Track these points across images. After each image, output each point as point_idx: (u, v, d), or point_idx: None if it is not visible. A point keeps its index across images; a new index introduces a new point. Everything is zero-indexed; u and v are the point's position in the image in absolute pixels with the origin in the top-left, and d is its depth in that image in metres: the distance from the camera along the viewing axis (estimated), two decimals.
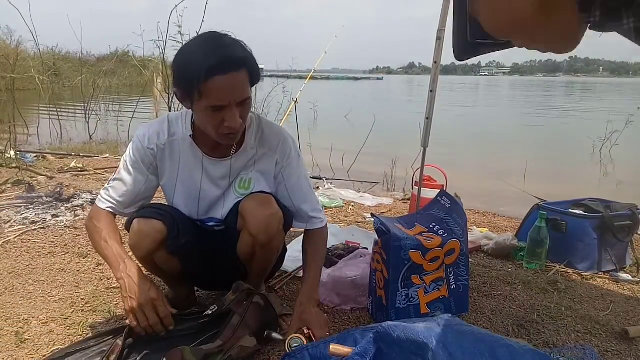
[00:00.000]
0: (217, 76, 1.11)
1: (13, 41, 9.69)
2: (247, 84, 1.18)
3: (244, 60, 1.15)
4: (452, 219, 1.51)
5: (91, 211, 1.36)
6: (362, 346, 0.93)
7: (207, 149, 1.36)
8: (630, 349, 1.45)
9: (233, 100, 1.15)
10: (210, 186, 1.39)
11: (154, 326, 1.22)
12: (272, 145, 1.41)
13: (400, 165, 4.38)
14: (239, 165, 1.39)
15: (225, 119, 1.17)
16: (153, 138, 1.34)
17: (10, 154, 3.78)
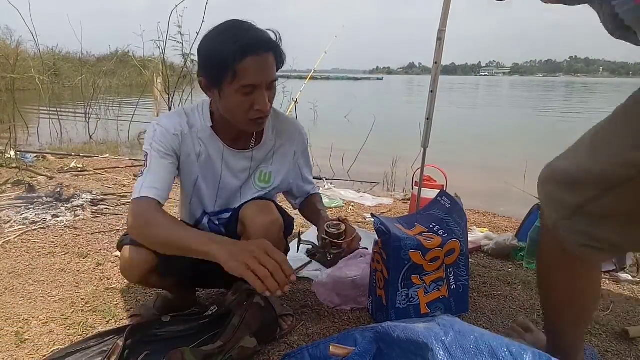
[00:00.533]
0: (251, 56, 1.13)
1: (13, 41, 9.71)
2: (274, 66, 1.20)
3: (273, 44, 1.19)
4: (452, 219, 1.51)
5: (134, 207, 1.19)
6: (362, 346, 0.93)
7: (227, 141, 1.35)
8: (630, 349, 1.45)
9: (264, 80, 1.17)
10: (231, 178, 1.38)
11: (275, 273, 1.00)
12: (290, 136, 1.43)
13: (400, 165, 4.38)
14: (260, 158, 1.40)
15: (255, 102, 1.18)
16: (177, 126, 1.30)
17: (10, 154, 3.78)
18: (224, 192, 1.40)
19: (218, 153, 1.35)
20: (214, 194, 1.40)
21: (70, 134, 6.29)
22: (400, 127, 7.99)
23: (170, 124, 1.30)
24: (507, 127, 10.06)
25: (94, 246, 2.14)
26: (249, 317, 1.28)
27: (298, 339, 1.42)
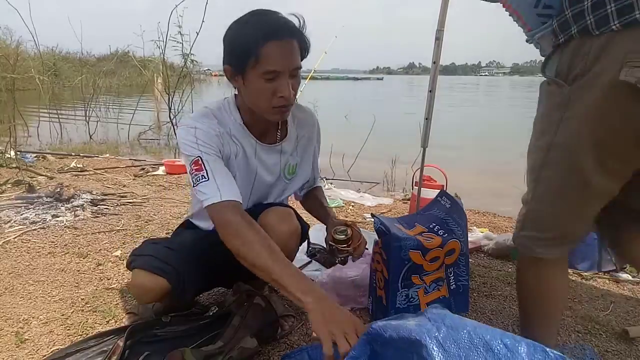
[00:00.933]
0: (274, 41, 1.12)
1: (13, 41, 9.70)
2: (297, 53, 1.18)
3: (297, 31, 1.17)
4: (452, 219, 1.51)
5: (221, 214, 1.14)
6: (356, 349, 0.92)
7: (257, 136, 1.33)
8: (630, 349, 1.45)
9: (287, 66, 1.15)
10: (265, 173, 1.38)
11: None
12: (309, 126, 1.45)
13: (400, 165, 4.38)
14: (287, 150, 1.41)
15: (278, 90, 1.16)
16: (213, 126, 1.25)
17: (10, 154, 3.77)
18: (258, 188, 1.39)
19: (252, 149, 1.33)
20: (248, 192, 1.37)
21: (70, 134, 6.29)
22: (400, 127, 7.99)
23: (208, 125, 1.24)
24: (507, 126, 10.06)
25: (94, 246, 2.14)
26: (250, 318, 1.28)
27: (298, 340, 1.42)
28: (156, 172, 3.76)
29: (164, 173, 3.76)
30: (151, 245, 1.31)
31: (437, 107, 2.31)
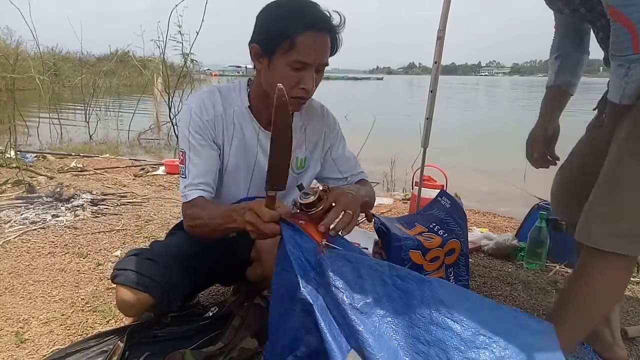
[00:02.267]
0: (313, 31, 1.12)
1: (13, 41, 9.70)
2: (329, 50, 1.18)
3: (333, 27, 1.17)
4: (452, 219, 1.51)
5: (185, 211, 1.24)
6: None
7: (263, 122, 1.32)
8: (631, 349, 1.45)
9: (317, 60, 1.15)
10: (264, 161, 1.33)
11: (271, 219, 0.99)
12: (316, 115, 1.41)
13: (400, 165, 4.37)
14: (293, 142, 1.37)
15: (302, 81, 1.15)
16: (209, 109, 1.26)
17: (10, 154, 3.77)
18: (258, 176, 1.36)
19: (253, 134, 1.32)
20: (247, 178, 1.36)
21: (70, 134, 6.29)
22: (400, 127, 7.99)
23: (202, 108, 1.26)
24: (507, 126, 10.06)
25: (94, 246, 2.14)
26: (250, 318, 1.28)
27: None
28: (156, 172, 3.76)
29: (164, 173, 3.76)
30: (133, 258, 1.26)
31: (437, 107, 2.31)
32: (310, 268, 0.93)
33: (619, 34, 1.03)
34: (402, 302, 0.89)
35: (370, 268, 0.93)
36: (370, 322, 0.87)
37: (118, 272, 1.22)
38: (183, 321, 1.34)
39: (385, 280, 0.92)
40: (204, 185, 1.23)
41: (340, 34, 1.20)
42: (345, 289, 0.90)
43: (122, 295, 1.20)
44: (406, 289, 0.90)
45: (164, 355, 1.15)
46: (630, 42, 1.00)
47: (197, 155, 1.25)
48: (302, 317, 0.92)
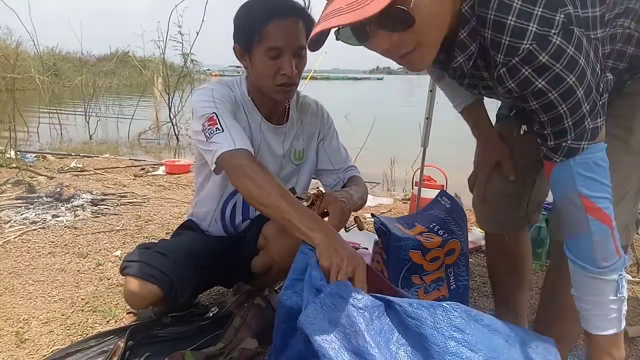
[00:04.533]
0: (277, 18, 1.16)
1: (13, 41, 9.70)
2: (302, 33, 1.20)
3: (302, 11, 1.21)
4: (452, 219, 1.51)
5: (231, 161, 1.15)
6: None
7: (265, 114, 1.36)
8: (631, 349, 1.45)
9: (289, 45, 1.18)
10: (267, 152, 1.39)
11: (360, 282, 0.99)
12: (311, 109, 1.45)
13: (400, 165, 4.37)
14: (291, 134, 1.42)
15: (281, 67, 1.19)
16: (226, 89, 1.31)
17: (10, 154, 3.77)
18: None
19: (256, 125, 1.36)
20: None
21: (70, 134, 6.29)
22: (400, 126, 7.99)
23: (221, 88, 1.30)
24: None
25: (94, 246, 2.14)
26: (250, 318, 1.28)
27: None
28: (156, 172, 3.76)
29: (164, 173, 3.76)
30: (143, 251, 1.29)
31: (437, 107, 2.31)
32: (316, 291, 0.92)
33: (600, 235, 0.85)
34: (416, 331, 0.85)
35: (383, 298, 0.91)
36: (387, 349, 0.84)
37: (127, 264, 1.24)
38: (183, 321, 1.33)
39: (397, 308, 0.89)
40: (249, 145, 1.19)
41: (311, 16, 1.23)
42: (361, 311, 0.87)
43: (130, 286, 1.21)
44: (418, 316, 0.86)
45: (164, 356, 1.15)
46: (613, 244, 0.86)
47: (231, 121, 1.22)
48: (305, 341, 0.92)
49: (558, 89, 0.77)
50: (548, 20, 0.73)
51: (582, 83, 0.77)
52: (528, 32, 0.73)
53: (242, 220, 1.46)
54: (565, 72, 0.75)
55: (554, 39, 0.73)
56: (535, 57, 0.75)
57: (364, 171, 1.52)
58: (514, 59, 0.77)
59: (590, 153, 0.84)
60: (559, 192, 0.90)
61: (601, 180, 0.85)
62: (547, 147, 0.87)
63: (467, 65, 0.88)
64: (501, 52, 0.78)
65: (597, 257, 0.88)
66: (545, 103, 0.80)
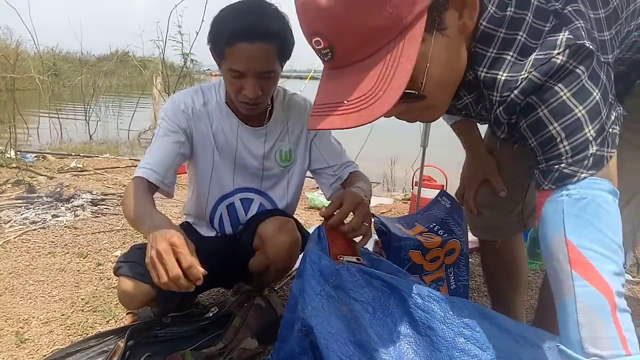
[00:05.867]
0: (240, 42, 1.11)
1: (13, 41, 9.70)
2: (272, 58, 1.15)
3: (274, 34, 1.13)
4: (452, 219, 1.51)
5: (127, 186, 1.23)
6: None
7: (242, 117, 1.34)
8: None
9: (252, 69, 1.14)
10: (247, 154, 1.37)
11: (175, 281, 0.91)
12: (299, 108, 1.42)
13: (400, 165, 4.38)
14: (274, 135, 1.39)
15: (244, 87, 1.17)
16: (188, 102, 1.30)
17: (10, 154, 3.77)
18: (242, 169, 1.39)
19: (233, 129, 1.34)
20: (231, 171, 1.38)
21: (70, 134, 6.28)
22: (400, 127, 7.98)
23: (182, 100, 1.30)
24: None
25: (94, 246, 2.14)
26: (250, 318, 1.28)
27: None
28: None
29: None
30: (136, 251, 1.29)
31: None
32: (323, 281, 0.91)
33: (588, 302, 0.63)
34: (424, 324, 0.85)
35: (390, 285, 0.90)
36: (390, 341, 0.84)
37: (120, 265, 1.25)
38: (183, 321, 1.33)
39: (406, 298, 0.88)
40: (155, 171, 1.24)
41: (287, 37, 1.17)
42: (364, 304, 0.87)
43: (123, 286, 1.22)
44: (428, 309, 0.86)
45: (164, 356, 1.15)
46: (613, 326, 0.63)
47: (161, 140, 1.28)
48: (299, 336, 0.91)
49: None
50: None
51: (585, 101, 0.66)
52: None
53: (232, 229, 1.46)
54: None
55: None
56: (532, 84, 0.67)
57: (363, 171, 1.51)
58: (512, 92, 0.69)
59: (590, 189, 0.65)
60: (544, 242, 0.69)
61: (603, 229, 0.64)
62: (539, 170, 0.71)
63: (473, 106, 0.83)
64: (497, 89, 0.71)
65: (583, 336, 0.62)
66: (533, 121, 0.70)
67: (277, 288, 1.75)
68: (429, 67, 0.67)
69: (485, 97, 0.75)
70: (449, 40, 0.69)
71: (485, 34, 0.71)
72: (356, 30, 0.62)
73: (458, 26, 0.69)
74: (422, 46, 0.64)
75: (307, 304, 0.90)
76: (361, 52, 0.65)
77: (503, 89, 0.70)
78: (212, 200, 1.41)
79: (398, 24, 0.62)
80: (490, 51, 0.71)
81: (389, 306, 0.89)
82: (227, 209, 1.43)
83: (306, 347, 0.89)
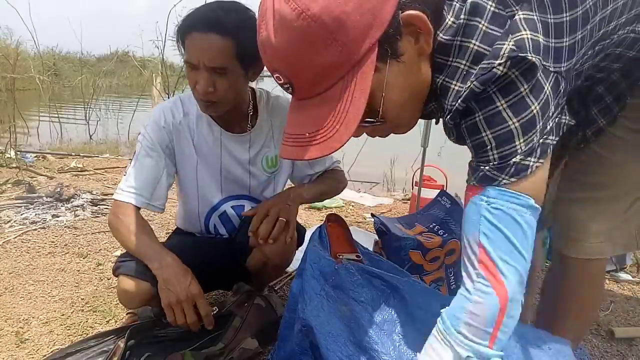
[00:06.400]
0: (195, 32, 1.09)
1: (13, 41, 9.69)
2: (226, 53, 1.09)
3: (230, 28, 1.08)
4: (452, 219, 1.51)
5: (113, 206, 1.26)
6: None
7: (223, 124, 1.31)
8: (631, 349, 1.45)
9: (202, 61, 1.09)
10: (232, 162, 1.35)
11: (192, 325, 1.15)
12: (284, 111, 1.37)
13: (400, 165, 4.38)
14: (259, 141, 1.36)
15: (197, 81, 1.12)
16: (168, 117, 1.28)
17: (10, 154, 3.77)
18: (228, 178, 1.37)
19: (216, 137, 1.32)
20: (217, 181, 1.36)
21: (70, 134, 6.28)
22: None
23: (161, 115, 1.28)
24: None
25: (94, 246, 2.14)
26: (250, 319, 1.28)
27: None
28: None
29: None
30: None
31: None
32: (323, 281, 0.92)
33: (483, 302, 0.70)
34: (423, 322, 0.84)
35: (390, 284, 0.90)
36: (390, 341, 0.84)
37: (119, 264, 1.24)
38: None
39: (405, 297, 0.88)
40: (141, 195, 1.25)
41: (248, 38, 1.06)
42: (364, 304, 0.87)
43: (123, 285, 1.22)
44: (428, 308, 0.85)
45: (164, 356, 1.15)
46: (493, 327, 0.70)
47: (145, 159, 1.27)
48: (299, 336, 0.91)
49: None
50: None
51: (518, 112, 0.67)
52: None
53: (228, 234, 1.45)
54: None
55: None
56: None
57: (364, 171, 1.52)
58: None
59: (509, 202, 0.69)
60: (464, 232, 0.74)
61: (513, 241, 0.68)
62: (470, 166, 0.75)
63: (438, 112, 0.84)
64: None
65: (464, 319, 0.70)
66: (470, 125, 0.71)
67: (277, 288, 1.75)
68: (386, 94, 0.70)
69: (441, 103, 0.76)
70: (405, 65, 0.70)
71: (443, 44, 0.71)
72: (309, 68, 0.65)
73: (416, 50, 0.70)
74: (376, 76, 0.67)
75: (307, 303, 0.90)
76: (318, 86, 0.67)
77: (453, 98, 0.71)
78: (202, 213, 1.41)
79: (349, 60, 0.64)
80: (450, 60, 0.72)
81: (389, 306, 0.89)
82: (220, 219, 1.42)
83: (306, 347, 0.89)
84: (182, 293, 1.12)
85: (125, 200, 1.23)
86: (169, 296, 1.12)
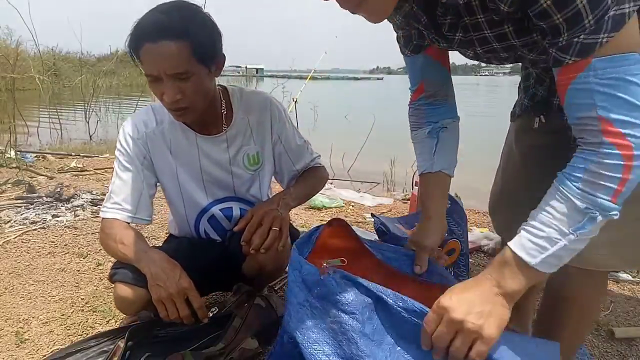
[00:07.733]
0: (147, 43, 1.04)
1: (13, 41, 9.69)
2: (184, 56, 1.05)
3: (181, 31, 1.04)
4: (452, 219, 1.51)
5: (101, 225, 1.27)
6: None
7: (198, 128, 1.28)
8: (631, 349, 1.45)
9: (162, 71, 1.05)
10: (211, 165, 1.32)
11: (185, 319, 1.13)
12: (259, 107, 1.34)
13: (400, 165, 4.37)
14: (237, 140, 1.32)
15: (163, 92, 1.08)
16: (141, 128, 1.26)
17: (10, 154, 3.77)
18: (211, 181, 1.35)
19: (192, 142, 1.29)
20: (200, 186, 1.34)
21: (70, 134, 6.29)
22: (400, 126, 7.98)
23: (134, 127, 1.27)
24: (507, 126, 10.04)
25: (94, 246, 2.14)
26: (250, 319, 1.28)
27: None
28: None
29: None
30: None
31: None
32: (307, 290, 0.88)
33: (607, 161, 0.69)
34: (413, 333, 0.81)
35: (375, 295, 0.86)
36: (381, 352, 0.81)
37: (115, 271, 1.23)
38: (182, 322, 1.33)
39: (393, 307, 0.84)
40: (125, 209, 1.27)
41: (201, 34, 1.07)
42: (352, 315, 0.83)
43: (120, 292, 1.21)
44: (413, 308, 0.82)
45: (164, 356, 1.15)
46: (617, 184, 0.69)
47: (124, 173, 1.27)
48: (289, 347, 0.89)
49: None
50: None
51: None
52: None
53: (219, 238, 1.44)
54: None
55: None
56: None
57: (364, 171, 1.51)
58: None
59: (615, 65, 0.67)
60: (573, 116, 0.73)
61: (630, 100, 0.67)
62: (557, 48, 0.70)
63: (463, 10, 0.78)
64: None
65: (585, 178, 0.70)
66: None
67: (277, 288, 1.75)
68: None
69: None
70: None
71: None
72: None
73: None
74: None
75: (291, 315, 0.87)
76: None
77: None
78: (191, 219, 1.39)
79: None
80: None
81: (377, 315, 0.85)
82: (209, 222, 1.41)
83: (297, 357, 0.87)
84: (172, 287, 1.10)
85: (111, 217, 1.25)
86: (159, 291, 1.10)
